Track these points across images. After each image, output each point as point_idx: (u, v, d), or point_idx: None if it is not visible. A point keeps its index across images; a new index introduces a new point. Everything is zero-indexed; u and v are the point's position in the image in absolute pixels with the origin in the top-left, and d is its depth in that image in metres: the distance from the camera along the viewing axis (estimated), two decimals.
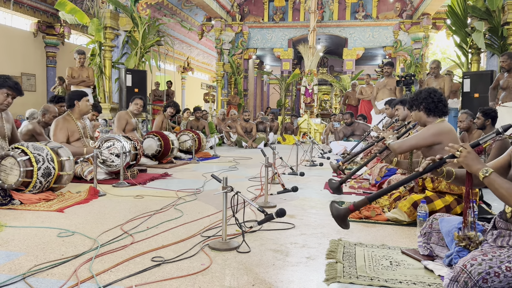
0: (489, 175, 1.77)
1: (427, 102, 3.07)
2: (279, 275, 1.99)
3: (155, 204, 3.45)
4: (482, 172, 1.78)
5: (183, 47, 18.60)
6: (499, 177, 1.77)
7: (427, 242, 2.20)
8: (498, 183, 1.75)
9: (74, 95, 4.82)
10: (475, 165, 1.82)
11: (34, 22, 12.16)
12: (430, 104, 3.06)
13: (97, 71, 8.58)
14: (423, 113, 3.11)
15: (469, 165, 1.84)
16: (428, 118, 3.11)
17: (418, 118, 3.18)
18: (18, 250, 2.25)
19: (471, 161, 1.83)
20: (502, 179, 1.77)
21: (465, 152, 1.84)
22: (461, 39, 8.30)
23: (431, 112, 3.09)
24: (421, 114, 3.13)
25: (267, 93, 21.82)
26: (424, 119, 3.13)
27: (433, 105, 3.06)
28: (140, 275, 1.94)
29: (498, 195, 1.76)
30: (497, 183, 1.75)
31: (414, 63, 12.90)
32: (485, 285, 1.70)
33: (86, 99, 4.83)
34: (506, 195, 1.73)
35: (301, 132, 12.26)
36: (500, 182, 1.75)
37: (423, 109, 3.10)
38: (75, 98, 4.78)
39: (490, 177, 1.77)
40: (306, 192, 4.22)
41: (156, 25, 9.28)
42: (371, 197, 2.13)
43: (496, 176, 1.77)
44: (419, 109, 3.12)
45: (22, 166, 3.38)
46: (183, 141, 7.24)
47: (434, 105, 3.06)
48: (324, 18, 14.63)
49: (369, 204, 2.20)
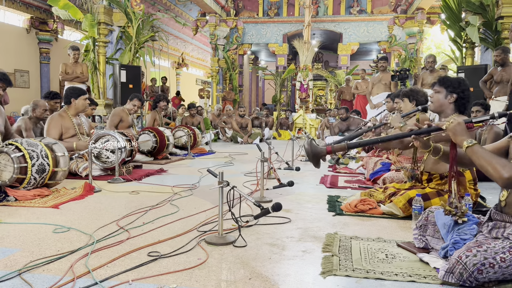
0: (472, 146, 1.82)
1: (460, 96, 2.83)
2: (276, 268, 2.00)
3: (151, 200, 3.45)
4: (466, 141, 1.84)
5: (178, 43, 18.53)
6: (482, 148, 1.83)
7: (422, 234, 2.21)
8: (480, 153, 1.81)
9: (72, 92, 4.77)
10: (461, 135, 1.88)
11: (27, 18, 12.05)
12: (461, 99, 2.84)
13: (91, 67, 8.53)
14: (449, 102, 2.86)
15: (455, 134, 1.89)
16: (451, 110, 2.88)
17: (439, 103, 2.90)
18: (14, 246, 2.24)
19: (459, 131, 1.88)
20: (485, 150, 1.82)
21: (456, 122, 1.90)
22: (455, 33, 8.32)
23: (457, 106, 2.86)
24: (446, 102, 2.86)
25: (262, 88, 21.81)
26: (445, 108, 2.89)
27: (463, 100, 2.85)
28: (137, 270, 1.94)
29: (479, 164, 1.82)
30: (479, 153, 1.81)
31: (408, 57, 12.93)
32: (480, 276, 1.71)
33: (84, 97, 4.78)
34: (485, 164, 1.79)
35: (297, 127, 12.27)
36: (481, 152, 1.81)
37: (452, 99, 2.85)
38: (72, 96, 4.73)
39: (474, 147, 1.82)
40: (302, 186, 4.23)
41: (150, 20, 9.23)
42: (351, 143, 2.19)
43: (479, 147, 1.83)
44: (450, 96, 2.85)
45: (16, 163, 3.36)
46: (178, 137, 7.22)
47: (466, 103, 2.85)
48: (319, 13, 14.63)
49: (347, 149, 2.19)
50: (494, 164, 1.76)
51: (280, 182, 3.58)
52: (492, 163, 1.76)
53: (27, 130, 4.63)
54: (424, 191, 2.95)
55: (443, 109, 2.89)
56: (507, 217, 1.84)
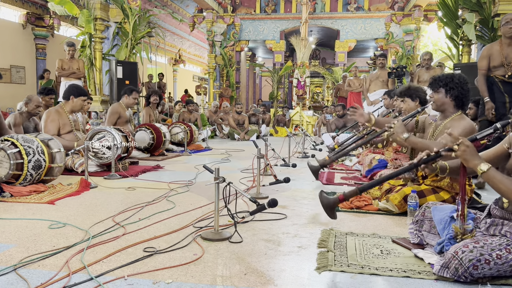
0: (487, 171, 1.76)
1: (459, 91, 2.83)
2: (271, 264, 2.01)
3: (147, 196, 3.45)
4: (480, 167, 1.77)
5: (175, 39, 18.48)
6: (498, 172, 1.77)
7: (418, 229, 2.22)
8: (498, 179, 1.75)
9: (73, 90, 4.76)
10: (473, 160, 1.80)
11: (23, 13, 11.99)
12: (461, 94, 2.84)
13: (88, 63, 8.49)
14: (450, 99, 2.87)
15: (467, 160, 1.82)
16: (453, 107, 2.88)
17: (441, 102, 2.91)
18: (9, 242, 2.24)
19: (470, 156, 1.81)
20: (501, 174, 1.77)
21: (464, 147, 1.81)
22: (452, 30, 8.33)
23: (458, 102, 2.86)
24: (447, 99, 2.87)
25: (259, 85, 21.79)
26: (447, 106, 2.90)
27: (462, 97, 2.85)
28: (132, 265, 1.94)
29: (497, 189, 1.77)
30: (496, 179, 1.75)
31: (405, 55, 12.95)
32: (475, 272, 1.72)
33: (83, 98, 4.78)
34: (505, 190, 1.74)
35: (293, 124, 12.27)
36: (499, 178, 1.75)
37: (453, 96, 2.85)
38: (73, 93, 4.72)
39: (489, 173, 1.76)
40: (298, 183, 4.24)
41: (147, 16, 9.19)
42: (362, 187, 2.14)
43: (495, 171, 1.77)
44: (449, 94, 2.86)
45: (12, 159, 3.35)
46: (175, 134, 7.22)
47: (465, 97, 2.85)
48: (316, 10, 14.61)
49: (359, 194, 2.20)
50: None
51: (276, 178, 3.59)
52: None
53: (16, 125, 4.61)
54: (419, 188, 2.96)
55: (445, 107, 2.91)
56: (507, 214, 1.84)
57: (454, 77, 2.86)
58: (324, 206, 2.16)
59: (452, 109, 2.90)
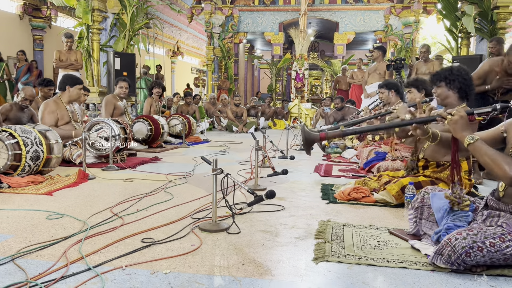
0: (474, 142, 1.78)
1: (461, 82, 2.81)
2: (269, 255, 2.02)
3: (145, 187, 3.45)
4: (468, 138, 1.80)
5: (173, 31, 18.36)
6: (484, 144, 1.78)
7: (419, 217, 2.21)
8: (483, 150, 1.76)
9: (68, 80, 4.75)
10: (461, 131, 1.83)
11: (20, 4, 11.88)
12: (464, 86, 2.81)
13: (85, 54, 8.45)
14: (452, 91, 2.84)
15: (456, 129, 1.84)
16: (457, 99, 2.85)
17: (445, 95, 2.88)
18: (7, 233, 2.24)
19: (460, 126, 1.83)
20: (487, 146, 1.78)
21: (457, 116, 1.83)
22: (451, 23, 8.30)
23: (462, 93, 2.83)
24: (450, 92, 2.85)
25: (257, 77, 21.72)
26: (451, 99, 2.86)
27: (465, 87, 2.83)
28: (130, 256, 1.95)
29: (483, 162, 1.78)
30: (482, 150, 1.76)
31: (404, 47, 12.90)
32: (468, 259, 1.73)
33: (79, 87, 4.76)
34: (489, 161, 1.75)
35: (292, 116, 12.26)
36: (485, 149, 1.76)
37: (455, 88, 2.83)
38: (68, 83, 4.71)
39: (475, 144, 1.78)
40: (296, 175, 4.25)
41: (145, 7, 9.13)
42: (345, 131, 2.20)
43: (482, 143, 1.78)
44: (451, 86, 2.83)
45: (10, 150, 3.34)
46: (173, 126, 7.21)
47: (467, 88, 2.84)
48: (315, 2, 14.52)
49: (342, 136, 2.24)
50: (499, 162, 1.71)
51: (274, 170, 3.59)
52: (497, 161, 1.71)
53: (2, 114, 4.63)
54: (417, 179, 2.97)
55: (449, 101, 2.87)
56: (503, 206, 1.85)
57: (453, 69, 2.85)
58: (305, 139, 2.24)
59: (456, 101, 2.85)
